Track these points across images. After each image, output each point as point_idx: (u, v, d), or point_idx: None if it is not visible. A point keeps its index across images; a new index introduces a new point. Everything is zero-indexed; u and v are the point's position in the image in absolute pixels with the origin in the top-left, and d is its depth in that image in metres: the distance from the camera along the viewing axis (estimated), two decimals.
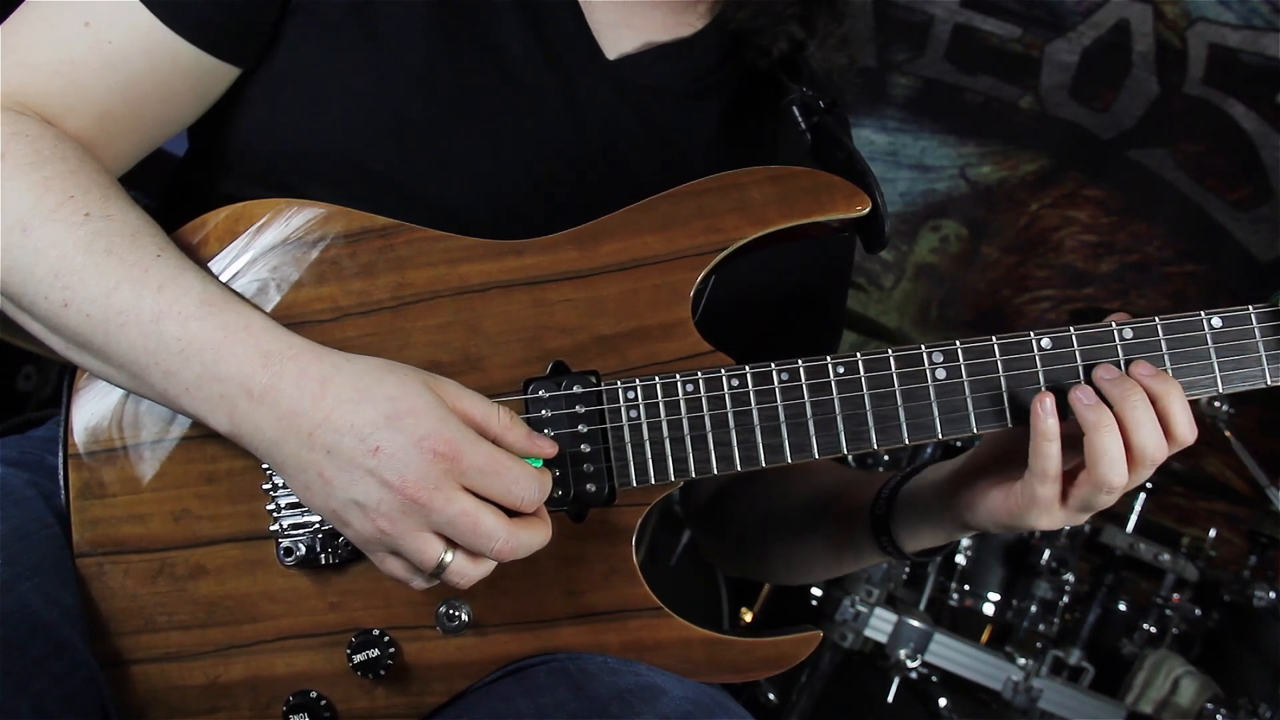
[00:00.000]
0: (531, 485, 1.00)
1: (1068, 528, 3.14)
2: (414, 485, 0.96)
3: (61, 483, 1.12)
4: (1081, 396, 1.07)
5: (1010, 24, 4.73)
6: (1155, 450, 1.06)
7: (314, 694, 1.11)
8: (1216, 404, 2.81)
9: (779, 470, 1.11)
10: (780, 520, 1.41)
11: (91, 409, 1.13)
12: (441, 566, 0.99)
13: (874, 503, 1.27)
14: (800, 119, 1.27)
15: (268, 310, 1.11)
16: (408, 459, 0.96)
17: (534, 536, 1.01)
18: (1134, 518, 3.32)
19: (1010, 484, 1.12)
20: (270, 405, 1.00)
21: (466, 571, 1.00)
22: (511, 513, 1.00)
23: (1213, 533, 3.48)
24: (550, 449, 1.06)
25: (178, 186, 1.29)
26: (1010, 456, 1.14)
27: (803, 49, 1.32)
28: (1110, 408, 1.06)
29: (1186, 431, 1.07)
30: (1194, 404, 1.09)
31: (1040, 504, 1.09)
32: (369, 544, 1.01)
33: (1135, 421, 1.05)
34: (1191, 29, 4.66)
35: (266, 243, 1.12)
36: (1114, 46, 4.69)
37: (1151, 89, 4.68)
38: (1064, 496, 1.09)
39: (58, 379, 1.14)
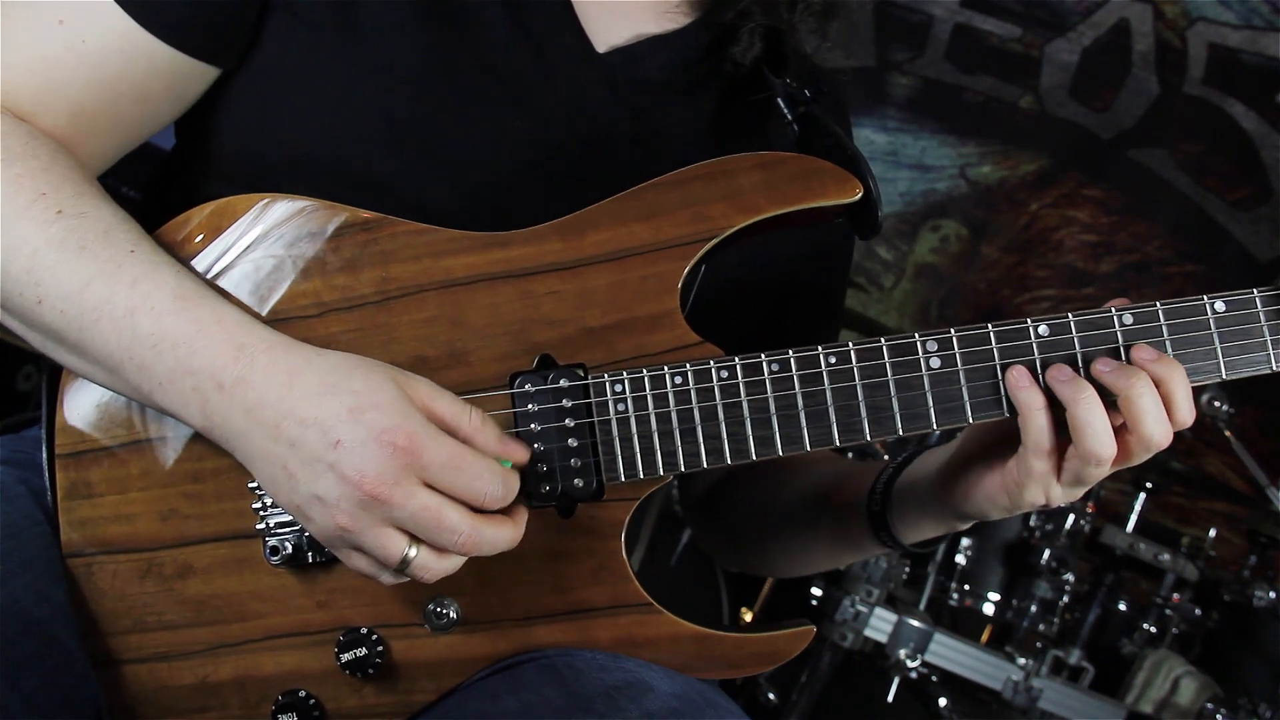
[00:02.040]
0: (494, 481, 0.98)
1: (1068, 525, 3.15)
2: (372, 480, 0.94)
3: (48, 484, 1.11)
4: (1057, 374, 1.06)
5: (1010, 24, 4.73)
6: (1162, 438, 1.05)
7: (303, 693, 1.10)
8: (1216, 404, 2.79)
9: (776, 462, 1.09)
10: (778, 513, 1.40)
11: (78, 409, 1.12)
12: (405, 561, 0.97)
13: (869, 498, 1.25)
14: (785, 110, 1.25)
15: (251, 306, 1.10)
16: (366, 453, 0.95)
17: (499, 533, 1.00)
18: (1134, 518, 3.32)
19: (1004, 465, 1.11)
20: (240, 397, 0.99)
21: (431, 566, 0.98)
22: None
23: (1213, 533, 3.47)
24: (522, 454, 1.04)
25: (164, 181, 1.28)
26: (997, 443, 1.13)
27: (785, 41, 1.30)
28: (1115, 398, 1.04)
29: (1186, 415, 1.05)
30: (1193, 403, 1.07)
31: (1036, 478, 1.07)
32: (331, 540, 1.00)
33: (1142, 410, 1.03)
34: (1191, 29, 4.65)
35: (250, 238, 1.11)
36: (1114, 46, 4.69)
37: (1151, 89, 4.68)
38: (1057, 471, 1.07)
39: None
